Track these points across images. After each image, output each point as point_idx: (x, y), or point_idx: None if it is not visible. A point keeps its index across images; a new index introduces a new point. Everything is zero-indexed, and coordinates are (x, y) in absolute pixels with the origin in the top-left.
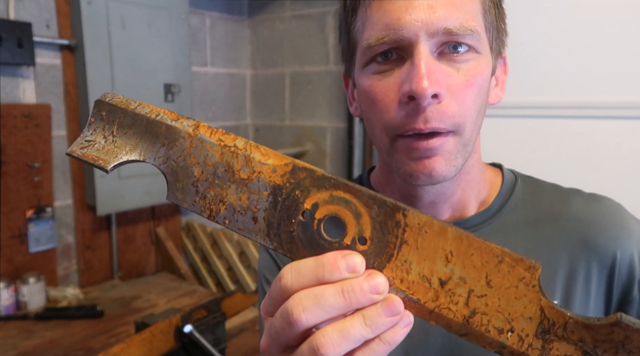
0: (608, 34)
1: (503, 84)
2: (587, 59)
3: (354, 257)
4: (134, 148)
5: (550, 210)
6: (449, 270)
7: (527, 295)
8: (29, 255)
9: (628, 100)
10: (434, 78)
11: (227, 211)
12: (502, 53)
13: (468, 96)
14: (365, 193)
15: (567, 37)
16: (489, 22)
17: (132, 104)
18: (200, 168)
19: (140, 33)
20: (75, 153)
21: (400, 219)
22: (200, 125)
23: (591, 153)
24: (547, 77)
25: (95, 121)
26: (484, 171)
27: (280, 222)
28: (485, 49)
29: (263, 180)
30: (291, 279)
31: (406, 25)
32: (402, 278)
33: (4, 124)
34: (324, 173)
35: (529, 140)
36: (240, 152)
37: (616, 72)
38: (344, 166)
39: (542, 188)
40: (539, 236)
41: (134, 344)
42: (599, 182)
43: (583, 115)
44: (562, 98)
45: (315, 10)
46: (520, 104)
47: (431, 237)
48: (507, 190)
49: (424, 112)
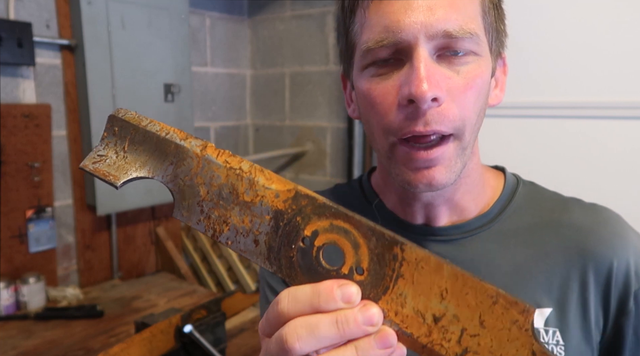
0: (605, 34)
1: (503, 85)
2: (584, 59)
3: (350, 287)
4: (144, 165)
5: (550, 217)
6: (444, 307)
7: (519, 338)
8: (29, 255)
9: (625, 100)
10: (434, 81)
11: (230, 232)
12: (501, 54)
13: (468, 99)
14: (365, 224)
15: (564, 36)
16: (489, 24)
17: (143, 121)
18: (206, 188)
19: (140, 33)
20: (87, 167)
21: (397, 253)
22: (208, 145)
23: (588, 154)
24: (544, 77)
25: (108, 136)
26: (484, 174)
27: (281, 247)
28: (484, 51)
29: (266, 204)
30: (287, 305)
31: (405, 27)
32: (397, 311)
33: (4, 124)
34: (325, 202)
35: (526, 140)
36: (245, 175)
37: (613, 71)
38: (344, 166)
39: (543, 195)
40: (537, 243)
41: (134, 344)
42: (596, 182)
43: (580, 115)
44: (559, 98)
45: (315, 10)
46: (518, 104)
47: (427, 273)
48: (508, 195)
49: (424, 115)
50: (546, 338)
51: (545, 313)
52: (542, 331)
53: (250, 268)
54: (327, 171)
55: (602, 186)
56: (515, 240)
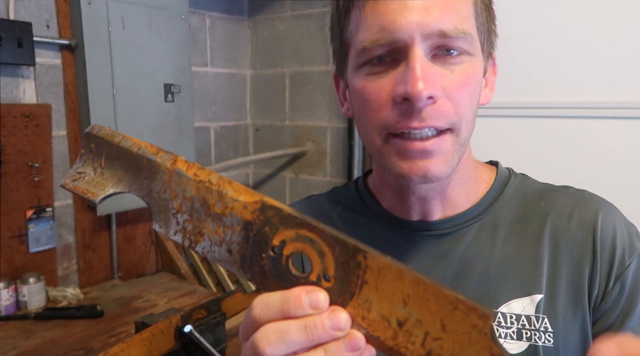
0: (603, 34)
1: (492, 85)
2: (583, 59)
3: (318, 294)
4: (120, 181)
5: (538, 207)
6: (407, 312)
7: (479, 342)
8: (29, 255)
9: (624, 100)
10: (430, 80)
11: (205, 242)
12: (491, 54)
13: (463, 96)
14: (329, 233)
15: (563, 37)
16: (481, 24)
17: (117, 137)
18: (179, 201)
19: (140, 33)
20: (68, 185)
21: (360, 261)
22: (178, 159)
23: (587, 153)
24: (543, 77)
25: (85, 153)
26: (476, 168)
27: (252, 256)
28: (477, 50)
29: (235, 215)
30: (260, 311)
31: (401, 27)
32: (364, 316)
33: (4, 124)
34: (290, 213)
35: (525, 140)
36: (214, 188)
37: (612, 72)
38: (344, 166)
39: (533, 186)
40: (526, 233)
41: (134, 344)
42: (595, 181)
43: (579, 115)
44: (557, 98)
45: (315, 10)
46: (517, 104)
47: (390, 280)
48: (499, 188)
49: (419, 113)
50: (536, 325)
51: (536, 299)
52: (532, 318)
53: None
54: (327, 171)
55: (601, 186)
56: (505, 231)
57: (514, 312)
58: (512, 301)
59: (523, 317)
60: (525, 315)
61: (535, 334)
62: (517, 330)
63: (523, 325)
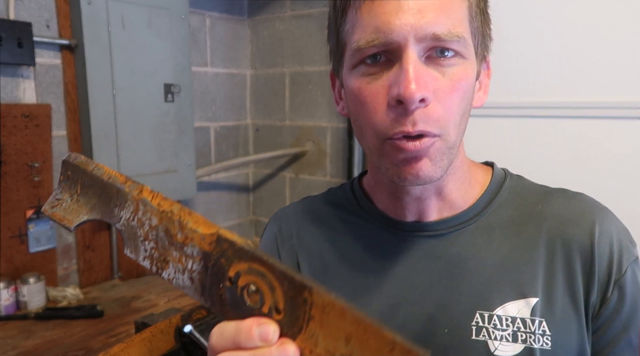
0: (600, 34)
1: (486, 88)
2: (581, 59)
3: (268, 327)
4: (94, 208)
5: (534, 209)
6: (350, 349)
7: None
8: (29, 255)
9: (622, 100)
10: (422, 82)
11: (170, 269)
12: (486, 57)
13: (453, 100)
14: (278, 268)
15: (562, 37)
16: (475, 28)
17: (90, 165)
18: (145, 229)
19: (140, 33)
20: (47, 212)
21: (307, 297)
22: (144, 189)
23: (585, 154)
24: (539, 77)
25: (64, 180)
26: (472, 170)
27: (212, 285)
28: (470, 54)
29: (195, 246)
30: (216, 340)
31: (396, 28)
32: (311, 350)
33: (4, 124)
34: (243, 247)
35: (523, 140)
36: (175, 218)
37: (610, 72)
38: (344, 166)
39: (528, 187)
40: (522, 235)
41: (134, 344)
42: (593, 182)
43: (577, 115)
44: (556, 98)
45: (315, 10)
46: (513, 104)
47: (333, 317)
48: (494, 189)
49: (411, 115)
50: (532, 328)
51: (531, 303)
52: (528, 321)
53: None
54: (327, 171)
55: (599, 186)
56: (501, 233)
57: (509, 315)
58: (508, 304)
59: (518, 320)
60: (521, 318)
61: (531, 337)
62: (512, 333)
63: (518, 327)
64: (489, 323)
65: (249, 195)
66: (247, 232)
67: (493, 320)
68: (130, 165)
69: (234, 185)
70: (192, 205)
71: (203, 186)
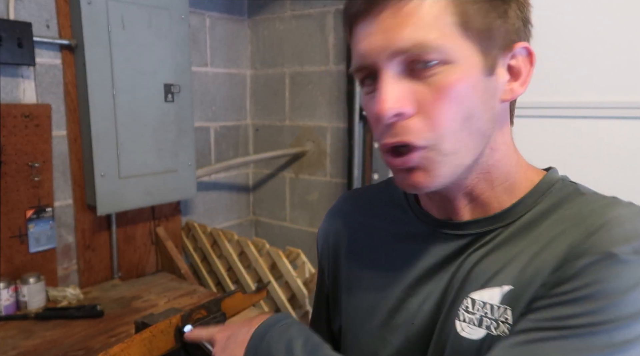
0: (615, 33)
1: (526, 77)
2: (596, 59)
3: None
4: None
5: (564, 212)
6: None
7: None
8: (29, 255)
9: (628, 100)
10: (395, 98)
11: None
12: (510, 47)
13: (442, 109)
14: None
15: (576, 36)
16: (474, 23)
17: None
18: None
19: (140, 33)
20: None
21: None
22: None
23: (601, 154)
24: (555, 77)
25: None
26: (519, 172)
27: None
28: (459, 56)
29: None
30: None
31: (367, 53)
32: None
33: (4, 124)
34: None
35: (537, 140)
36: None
37: (617, 71)
38: (344, 166)
39: (578, 200)
40: (542, 235)
41: (134, 344)
42: (598, 183)
43: (593, 115)
44: (570, 98)
45: (315, 10)
46: (528, 104)
47: None
48: (535, 195)
49: (390, 129)
50: (497, 315)
51: (505, 290)
52: (495, 307)
53: (250, 268)
54: (327, 171)
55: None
56: (526, 242)
57: (482, 300)
58: (485, 289)
59: (487, 305)
60: (490, 304)
61: (493, 324)
62: (480, 317)
63: (485, 313)
64: (465, 306)
65: (249, 195)
66: (247, 232)
67: (466, 303)
68: (130, 165)
69: (234, 185)
70: (192, 205)
71: (203, 186)
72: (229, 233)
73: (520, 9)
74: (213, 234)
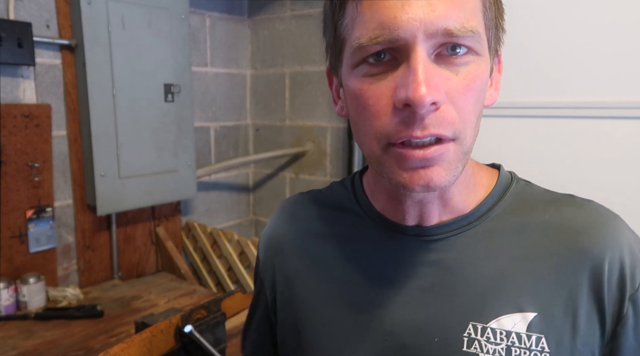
0: (606, 33)
1: (497, 84)
2: (585, 59)
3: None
4: None
5: (541, 218)
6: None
7: None
8: (29, 255)
9: (627, 100)
10: (433, 84)
11: None
12: (497, 52)
13: (468, 101)
14: None
15: (566, 36)
16: (489, 20)
17: None
18: None
19: (140, 33)
20: None
21: None
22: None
23: (590, 154)
24: (545, 76)
25: None
26: (476, 172)
27: None
28: (484, 49)
29: None
30: None
31: (402, 24)
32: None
33: (4, 124)
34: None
35: (527, 140)
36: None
37: (615, 71)
38: (344, 166)
39: (535, 194)
40: (525, 245)
41: (134, 344)
42: (598, 182)
43: (582, 115)
44: (560, 98)
45: (315, 10)
46: (515, 104)
47: None
48: (498, 194)
49: (422, 120)
50: (527, 344)
51: (528, 317)
52: (524, 336)
53: (250, 268)
54: (327, 171)
55: (604, 186)
56: (502, 241)
57: (504, 328)
58: (503, 317)
59: (513, 334)
60: (516, 332)
61: (526, 353)
62: (506, 347)
63: (513, 342)
64: (482, 335)
65: (249, 195)
66: (247, 232)
67: (486, 333)
68: (130, 165)
69: (234, 185)
70: (192, 205)
71: (203, 186)
72: (229, 233)
73: (503, 17)
74: (213, 234)
